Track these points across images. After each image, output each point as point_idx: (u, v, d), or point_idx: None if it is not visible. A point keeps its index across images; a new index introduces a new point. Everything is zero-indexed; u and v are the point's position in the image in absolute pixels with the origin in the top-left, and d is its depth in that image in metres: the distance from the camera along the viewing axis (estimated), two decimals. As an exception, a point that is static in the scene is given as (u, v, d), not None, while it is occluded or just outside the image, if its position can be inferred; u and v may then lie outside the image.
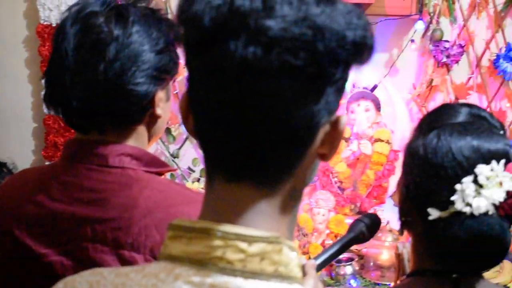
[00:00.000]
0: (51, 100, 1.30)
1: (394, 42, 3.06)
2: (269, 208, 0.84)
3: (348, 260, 2.60)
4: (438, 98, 3.06)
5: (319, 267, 1.48)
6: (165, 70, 1.30)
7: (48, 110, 1.31)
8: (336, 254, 1.47)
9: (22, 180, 1.36)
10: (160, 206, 1.25)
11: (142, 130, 1.34)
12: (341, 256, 1.81)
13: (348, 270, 2.59)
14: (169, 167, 1.39)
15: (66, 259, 1.27)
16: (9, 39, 3.80)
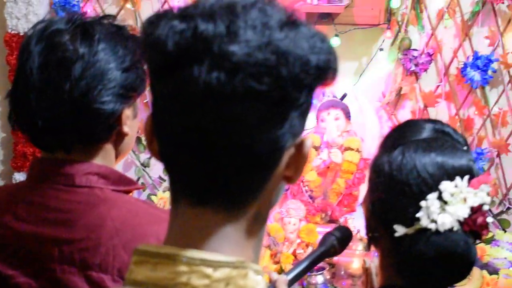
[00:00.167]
0: (16, 119, 1.29)
1: (363, 50, 3.08)
2: (234, 232, 0.84)
3: (320, 269, 2.60)
4: (407, 106, 3.09)
5: (291, 283, 1.49)
6: (131, 88, 1.29)
7: (13, 128, 1.30)
8: (308, 269, 1.48)
9: None
10: (128, 226, 1.25)
11: (109, 148, 1.33)
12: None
13: (319, 279, 2.60)
14: (136, 185, 1.38)
15: (33, 281, 1.26)
16: (-24, 48, 3.76)
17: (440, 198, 1.23)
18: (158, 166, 3.27)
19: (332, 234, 1.41)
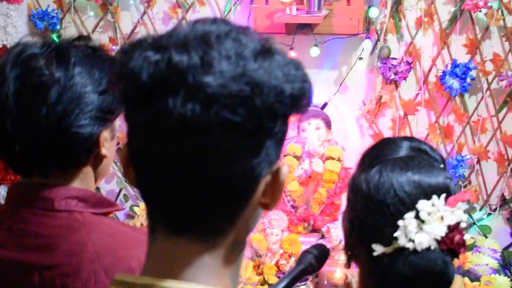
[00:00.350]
0: None
1: (342, 60, 3.09)
2: (212, 261, 0.84)
3: (303, 279, 2.61)
4: (388, 114, 3.10)
5: (271, 303, 1.49)
6: (109, 111, 1.29)
7: None
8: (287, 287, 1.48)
9: None
10: (109, 249, 1.24)
11: (88, 170, 1.32)
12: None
13: (303, 289, 2.60)
14: (116, 207, 1.38)
15: None
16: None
17: (417, 217, 1.23)
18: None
19: (309, 252, 1.41)
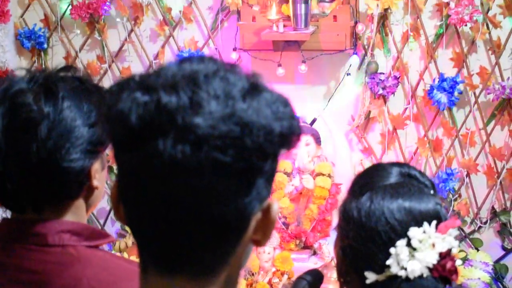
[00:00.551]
0: None
1: (330, 75, 3.10)
2: None
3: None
4: (377, 128, 3.11)
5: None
6: (99, 143, 1.28)
7: None
8: None
9: None
10: (104, 284, 1.23)
11: (80, 203, 1.31)
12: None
13: (296, 308, 2.60)
14: (109, 238, 1.37)
15: None
16: None
17: (409, 244, 1.24)
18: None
19: (303, 279, 1.42)
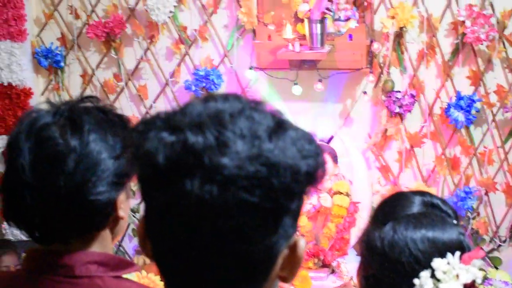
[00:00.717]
0: (12, 217, 1.27)
1: (347, 93, 3.10)
2: None
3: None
4: (394, 146, 3.10)
5: None
6: (124, 174, 1.28)
7: (8, 223, 1.29)
8: None
9: None
10: None
11: (106, 233, 1.32)
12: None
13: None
14: (135, 267, 1.38)
15: None
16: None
17: (433, 276, 1.24)
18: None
19: None
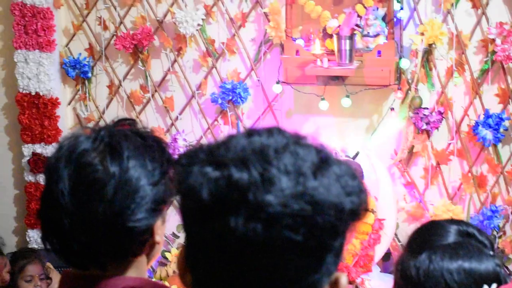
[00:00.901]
0: (50, 241, 1.28)
1: (374, 109, 3.09)
2: None
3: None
4: (420, 163, 3.09)
5: None
6: (162, 201, 1.28)
7: (46, 249, 1.29)
8: None
9: None
10: None
11: (141, 258, 1.32)
12: None
13: None
14: None
15: None
16: (-12, 107, 3.80)
17: (469, 307, 1.24)
18: (171, 223, 3.25)
19: None
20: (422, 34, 2.89)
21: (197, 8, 3.23)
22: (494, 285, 1.25)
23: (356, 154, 3.01)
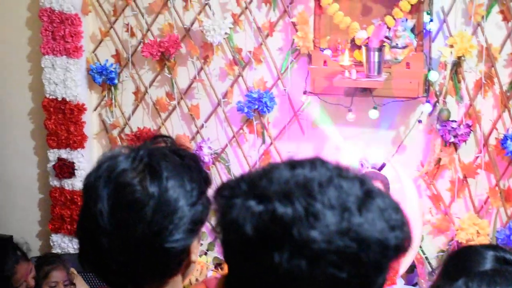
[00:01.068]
0: (87, 261, 1.28)
1: (401, 121, 3.07)
2: None
3: None
4: (446, 176, 3.06)
5: None
6: (200, 221, 1.28)
7: (83, 269, 1.30)
8: None
9: None
10: None
11: (177, 278, 1.32)
12: None
13: None
14: None
15: None
16: (15, 111, 3.82)
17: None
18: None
19: None
20: (452, 47, 2.87)
21: (224, 16, 3.23)
22: (533, 314, 1.23)
23: (383, 166, 3.00)
